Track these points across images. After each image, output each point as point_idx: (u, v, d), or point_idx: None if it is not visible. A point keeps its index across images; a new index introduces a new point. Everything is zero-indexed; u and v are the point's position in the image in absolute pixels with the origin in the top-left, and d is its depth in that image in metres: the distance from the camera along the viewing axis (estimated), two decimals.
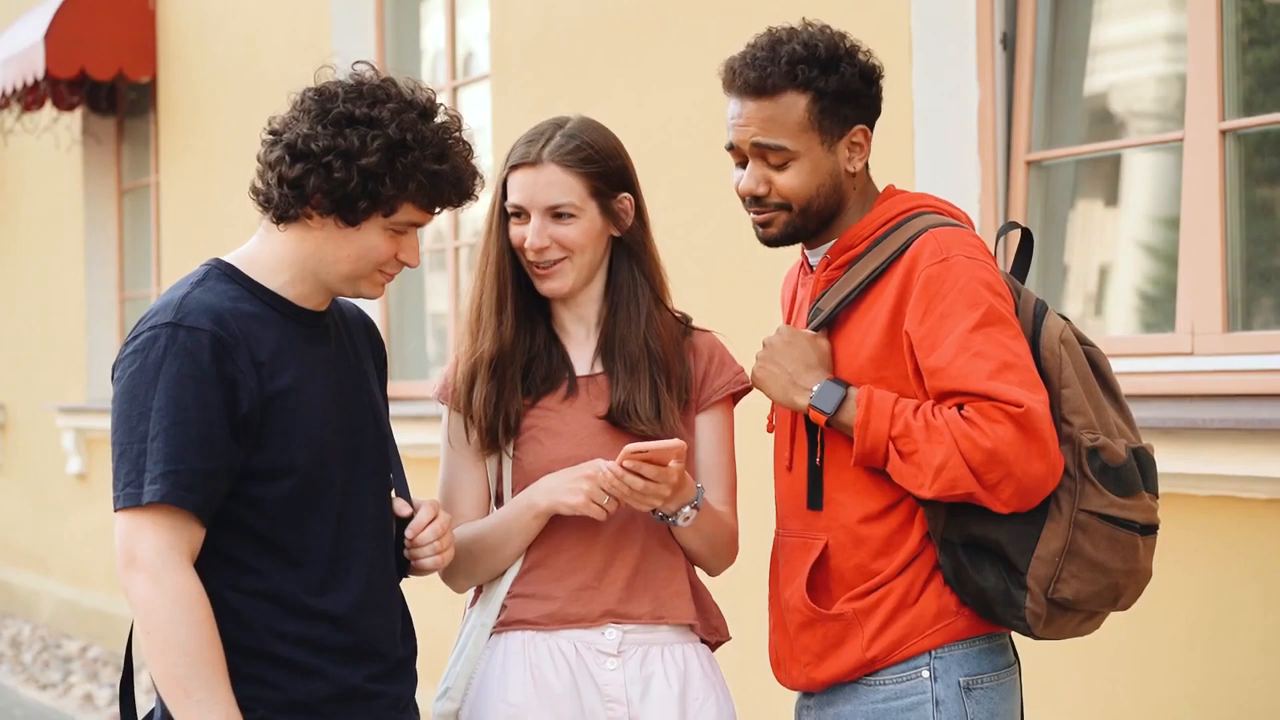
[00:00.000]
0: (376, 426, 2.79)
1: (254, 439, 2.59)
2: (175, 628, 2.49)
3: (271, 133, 2.66)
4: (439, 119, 2.65)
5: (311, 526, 2.64)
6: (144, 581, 2.51)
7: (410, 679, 2.80)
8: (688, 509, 2.83)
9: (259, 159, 2.67)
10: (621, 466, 2.72)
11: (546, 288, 2.93)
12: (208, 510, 2.55)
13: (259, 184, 2.66)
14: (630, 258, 2.96)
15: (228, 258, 2.72)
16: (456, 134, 2.67)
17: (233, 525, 2.60)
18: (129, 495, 2.54)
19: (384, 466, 2.79)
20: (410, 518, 2.80)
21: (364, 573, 2.69)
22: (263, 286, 2.67)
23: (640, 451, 2.70)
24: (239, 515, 2.60)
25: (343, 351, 2.78)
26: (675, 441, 2.73)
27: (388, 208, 2.61)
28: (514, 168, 2.91)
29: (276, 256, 2.68)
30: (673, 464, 2.73)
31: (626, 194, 2.94)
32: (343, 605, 2.65)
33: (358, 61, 2.69)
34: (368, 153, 2.57)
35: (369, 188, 2.58)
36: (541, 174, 2.88)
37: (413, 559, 2.81)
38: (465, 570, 2.94)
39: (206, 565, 2.58)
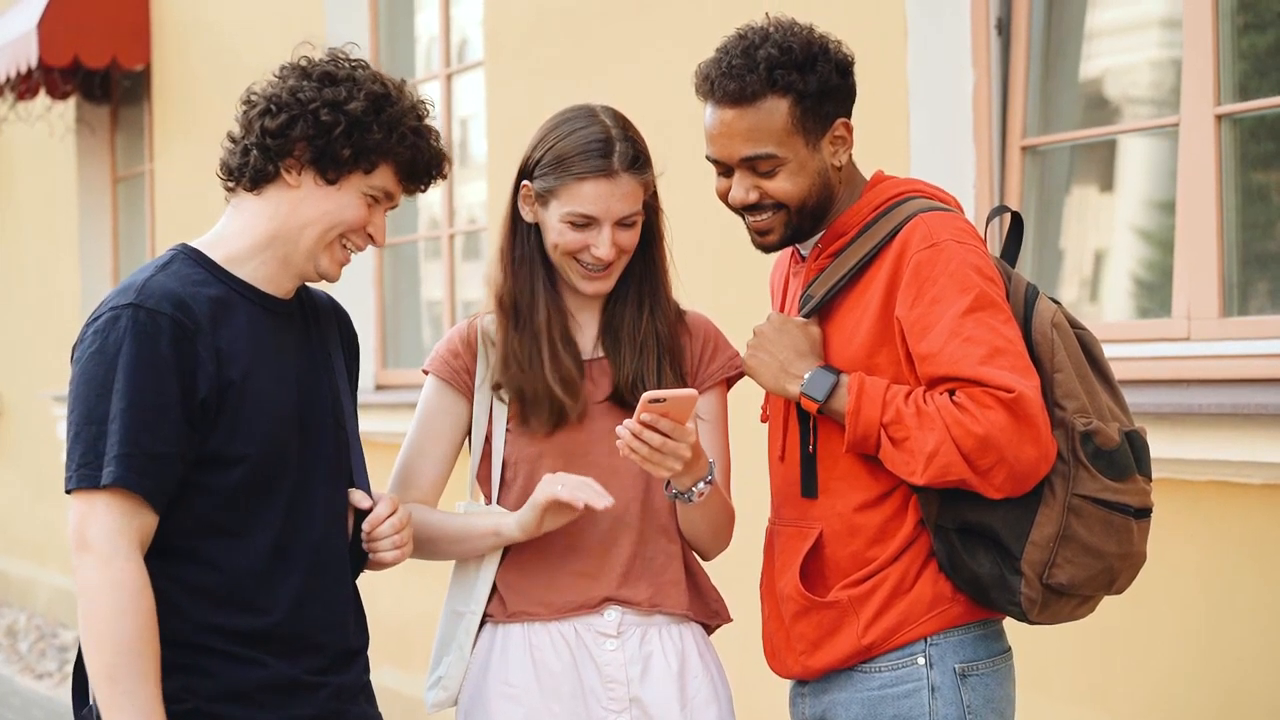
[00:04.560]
0: (335, 417, 2.77)
1: (210, 425, 2.57)
2: (116, 616, 2.48)
3: (248, 101, 2.67)
4: (410, 100, 2.69)
5: (258, 514, 2.63)
6: (92, 565, 2.50)
7: (360, 669, 2.79)
8: (702, 484, 2.80)
9: (230, 136, 2.68)
10: (639, 422, 2.67)
11: (595, 289, 2.90)
12: (160, 496, 2.54)
13: (230, 158, 2.68)
14: (643, 242, 2.94)
15: (194, 243, 2.71)
16: (426, 116, 2.70)
17: (178, 510, 2.59)
18: (84, 476, 2.52)
19: (342, 458, 2.78)
20: (369, 511, 2.78)
21: (309, 564, 2.68)
22: (227, 272, 2.66)
23: (658, 400, 2.65)
24: (187, 500, 2.59)
25: (308, 341, 2.76)
26: (691, 390, 2.69)
27: (369, 163, 2.62)
28: (581, 177, 2.83)
29: (244, 233, 2.67)
30: (689, 425, 2.70)
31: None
32: (284, 596, 2.65)
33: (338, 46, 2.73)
34: (355, 99, 2.60)
35: (354, 135, 2.59)
36: (617, 186, 2.83)
37: (371, 552, 2.80)
38: (417, 553, 2.93)
39: (147, 556, 2.56)
